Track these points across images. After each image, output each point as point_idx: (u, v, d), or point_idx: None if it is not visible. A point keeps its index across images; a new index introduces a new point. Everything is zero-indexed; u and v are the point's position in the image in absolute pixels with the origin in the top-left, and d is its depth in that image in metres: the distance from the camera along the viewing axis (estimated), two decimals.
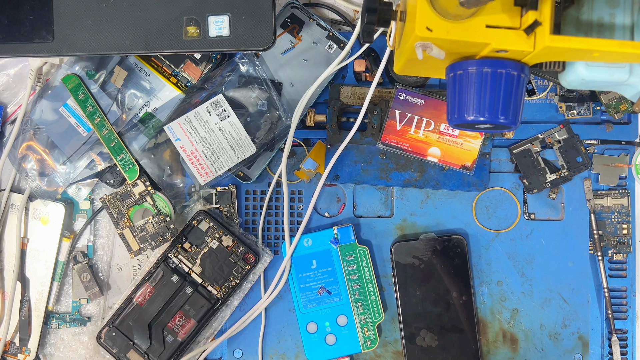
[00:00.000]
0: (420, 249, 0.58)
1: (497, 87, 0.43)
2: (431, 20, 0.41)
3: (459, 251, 0.58)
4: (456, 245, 0.58)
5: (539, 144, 0.60)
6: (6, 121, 0.61)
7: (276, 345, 0.61)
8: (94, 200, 0.61)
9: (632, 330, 0.61)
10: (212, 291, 0.59)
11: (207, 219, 0.59)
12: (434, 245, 0.58)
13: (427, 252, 0.58)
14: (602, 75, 0.45)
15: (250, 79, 0.59)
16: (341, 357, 0.59)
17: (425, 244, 0.58)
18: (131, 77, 0.59)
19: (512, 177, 0.61)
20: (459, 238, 0.58)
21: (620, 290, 0.61)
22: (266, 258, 0.60)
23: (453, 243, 0.58)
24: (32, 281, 0.60)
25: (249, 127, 0.59)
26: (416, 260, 0.58)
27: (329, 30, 0.60)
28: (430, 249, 0.58)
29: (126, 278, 0.62)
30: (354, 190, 0.61)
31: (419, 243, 0.58)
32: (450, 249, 0.58)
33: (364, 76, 0.61)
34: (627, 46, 0.40)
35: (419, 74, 0.50)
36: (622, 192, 0.61)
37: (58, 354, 0.61)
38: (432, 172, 0.59)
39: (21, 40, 0.53)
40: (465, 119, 0.44)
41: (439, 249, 0.58)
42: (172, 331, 0.59)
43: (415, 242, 0.59)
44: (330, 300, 0.59)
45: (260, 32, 0.52)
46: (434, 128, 0.58)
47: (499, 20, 0.41)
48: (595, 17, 0.44)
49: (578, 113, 0.61)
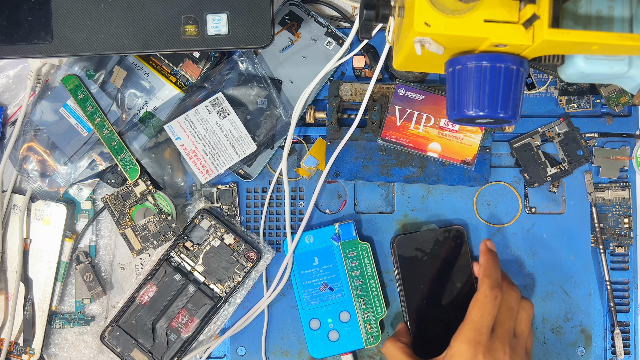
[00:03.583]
0: (422, 241, 0.58)
1: (496, 81, 0.43)
2: (429, 15, 0.41)
3: (459, 241, 0.58)
4: (457, 235, 0.58)
5: (539, 138, 0.60)
6: (6, 123, 0.61)
7: (279, 342, 0.61)
8: (96, 200, 0.62)
9: (634, 323, 0.61)
10: (215, 289, 0.59)
11: (209, 217, 0.59)
12: (435, 237, 0.58)
13: (428, 244, 0.58)
14: (601, 68, 0.45)
15: (250, 77, 0.59)
16: (344, 353, 0.59)
17: (426, 236, 0.58)
18: (130, 77, 0.59)
19: (512, 171, 0.61)
20: (458, 228, 0.58)
21: (622, 282, 0.61)
22: (268, 256, 0.60)
23: (454, 233, 0.58)
24: (35, 282, 0.60)
25: (249, 125, 0.59)
26: (419, 253, 0.58)
27: (328, 27, 0.60)
28: (431, 240, 0.58)
29: (129, 277, 0.62)
30: (354, 187, 0.61)
31: (421, 235, 0.58)
32: (451, 240, 0.58)
33: (363, 72, 0.61)
34: (626, 38, 0.40)
35: (418, 69, 0.50)
36: (623, 184, 0.61)
37: (62, 354, 0.61)
38: (432, 168, 0.59)
39: (20, 41, 0.53)
40: (464, 114, 0.44)
41: (440, 240, 0.58)
42: (175, 330, 0.59)
43: (417, 234, 0.59)
44: (332, 297, 0.59)
45: (258, 30, 0.52)
46: (434, 123, 0.58)
47: (497, 14, 0.41)
48: (593, 10, 0.43)
49: (578, 106, 0.60)
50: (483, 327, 0.50)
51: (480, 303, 0.50)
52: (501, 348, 0.50)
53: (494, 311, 0.50)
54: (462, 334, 0.50)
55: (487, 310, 0.50)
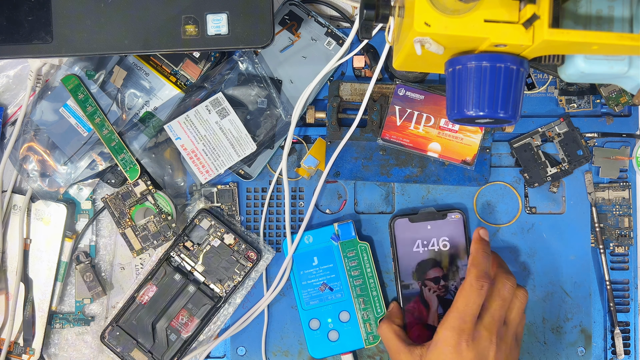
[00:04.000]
0: (420, 222, 0.58)
1: (496, 81, 0.43)
2: (429, 15, 0.41)
3: (458, 224, 0.58)
4: (455, 218, 0.58)
5: (539, 138, 0.60)
6: (6, 122, 0.61)
7: (279, 342, 0.61)
8: (96, 200, 0.62)
9: (634, 323, 0.61)
10: (215, 289, 0.59)
11: (209, 217, 0.59)
12: (434, 219, 0.58)
13: (426, 226, 0.58)
14: (601, 68, 0.45)
15: (250, 77, 0.59)
16: (344, 353, 0.59)
17: (424, 218, 0.58)
18: (130, 77, 0.59)
19: (512, 171, 0.61)
20: (457, 212, 0.58)
21: (622, 282, 0.61)
22: (268, 255, 0.60)
23: (452, 216, 0.58)
24: (35, 282, 0.60)
25: (249, 125, 0.59)
26: (416, 234, 0.58)
27: (328, 26, 0.60)
28: (429, 222, 0.58)
29: (129, 277, 0.62)
30: (354, 187, 0.61)
31: (419, 217, 0.58)
32: (449, 223, 0.58)
33: (363, 72, 0.61)
34: (626, 38, 0.40)
35: (418, 69, 0.50)
36: (623, 184, 0.61)
37: (62, 354, 0.61)
38: (432, 168, 0.59)
39: (20, 41, 0.53)
40: (464, 114, 0.44)
41: (438, 223, 0.58)
42: (175, 330, 0.59)
43: (415, 215, 0.58)
44: (332, 297, 0.59)
45: (258, 30, 0.52)
46: (434, 123, 0.58)
47: (497, 14, 0.41)
48: (594, 10, 0.43)
49: (578, 106, 0.60)
50: (467, 316, 0.50)
51: (466, 292, 0.51)
52: (487, 337, 0.50)
53: (479, 300, 0.51)
54: (447, 321, 0.51)
55: (471, 299, 0.51)
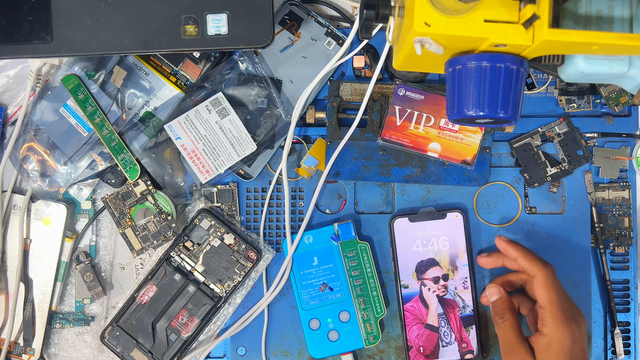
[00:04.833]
0: (420, 222, 0.58)
1: (496, 81, 0.43)
2: (429, 15, 0.41)
3: (458, 224, 0.58)
4: (455, 218, 0.58)
5: (539, 138, 0.60)
6: (7, 122, 0.61)
7: (279, 342, 0.61)
8: (96, 200, 0.62)
9: (634, 323, 0.61)
10: (215, 289, 0.59)
11: (209, 217, 0.59)
12: (433, 219, 0.58)
13: (426, 226, 0.58)
14: (601, 68, 0.45)
15: (250, 77, 0.59)
16: (344, 353, 0.59)
17: (424, 219, 0.58)
18: (130, 77, 0.59)
19: (512, 171, 0.61)
20: (457, 211, 0.58)
21: (622, 282, 0.61)
22: (268, 255, 0.60)
23: (452, 216, 0.58)
24: (35, 282, 0.60)
25: (249, 124, 0.59)
26: (415, 234, 0.58)
27: (328, 26, 0.60)
28: (429, 222, 0.58)
29: (129, 277, 0.62)
30: (354, 187, 0.61)
31: (418, 217, 0.58)
32: (449, 222, 0.58)
33: (363, 72, 0.61)
34: (626, 38, 0.40)
35: (418, 69, 0.50)
36: (623, 184, 0.61)
37: (62, 354, 0.61)
38: (432, 168, 0.59)
39: (20, 41, 0.53)
40: (464, 114, 0.44)
41: (438, 222, 0.58)
42: (175, 329, 0.59)
43: (414, 215, 0.58)
44: (332, 297, 0.59)
45: (258, 30, 0.52)
46: (434, 123, 0.58)
47: (497, 14, 0.41)
48: (593, 10, 0.43)
49: (578, 106, 0.60)
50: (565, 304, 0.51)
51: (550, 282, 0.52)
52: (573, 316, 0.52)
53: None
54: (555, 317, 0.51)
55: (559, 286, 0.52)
